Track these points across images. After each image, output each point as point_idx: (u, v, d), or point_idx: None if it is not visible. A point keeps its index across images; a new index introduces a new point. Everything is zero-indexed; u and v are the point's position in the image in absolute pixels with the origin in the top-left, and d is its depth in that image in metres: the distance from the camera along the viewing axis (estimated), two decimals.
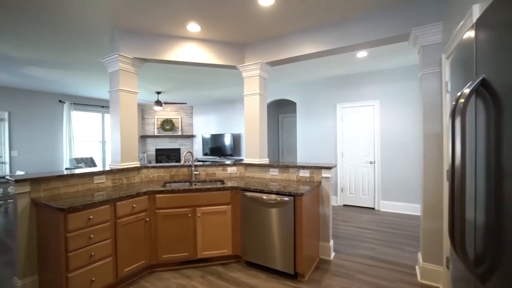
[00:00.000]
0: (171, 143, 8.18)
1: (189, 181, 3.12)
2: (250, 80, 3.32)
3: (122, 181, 2.89)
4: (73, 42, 3.26)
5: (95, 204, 2.08)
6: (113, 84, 2.95)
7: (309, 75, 5.06)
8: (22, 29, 2.86)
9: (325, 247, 2.86)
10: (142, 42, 3.01)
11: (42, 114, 6.09)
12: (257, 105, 3.27)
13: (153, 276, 2.54)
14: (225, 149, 7.48)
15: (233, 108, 7.61)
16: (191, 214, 2.61)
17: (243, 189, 2.66)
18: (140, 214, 2.45)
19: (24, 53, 3.63)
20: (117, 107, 2.89)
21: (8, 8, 2.43)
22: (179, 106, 8.29)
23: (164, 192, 2.56)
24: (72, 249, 1.95)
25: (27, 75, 4.72)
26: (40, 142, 6.05)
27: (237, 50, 3.36)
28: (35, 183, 2.23)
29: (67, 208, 1.91)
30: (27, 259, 2.20)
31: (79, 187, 2.53)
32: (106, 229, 2.17)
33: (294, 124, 7.17)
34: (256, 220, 2.58)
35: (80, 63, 4.09)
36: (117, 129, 2.90)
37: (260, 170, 3.27)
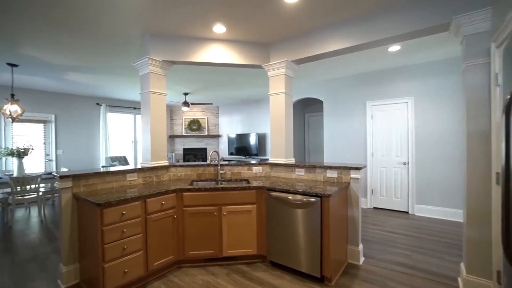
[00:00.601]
0: (198, 142, 8.42)
1: (215, 180, 3.17)
2: (275, 79, 3.29)
3: (152, 179, 3.02)
4: (108, 49, 3.48)
5: (128, 200, 2.20)
6: (144, 86, 3.09)
7: (337, 72, 4.89)
8: (65, 39, 3.11)
9: (354, 251, 2.74)
10: (170, 45, 3.12)
11: (82, 116, 6.61)
12: (283, 104, 3.22)
13: (181, 271, 2.61)
14: (250, 148, 7.52)
15: (258, 108, 7.62)
16: (217, 213, 2.65)
17: (268, 189, 2.64)
18: (169, 211, 2.53)
19: (66, 61, 3.95)
20: (148, 108, 3.03)
21: (54, 20, 2.66)
22: (206, 107, 8.49)
23: (191, 190, 2.62)
24: (108, 242, 2.08)
25: (70, 81, 5.14)
26: (81, 142, 6.57)
27: (262, 49, 3.35)
28: (76, 179, 2.41)
29: (103, 203, 2.03)
30: (70, 248, 2.39)
31: (113, 184, 2.68)
32: (138, 224, 2.27)
33: (320, 123, 6.98)
34: (282, 221, 2.54)
35: (115, 68, 4.35)
36: (148, 129, 3.03)
37: (285, 170, 3.22)
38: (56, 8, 2.45)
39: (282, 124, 3.24)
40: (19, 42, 3.25)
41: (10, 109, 4.10)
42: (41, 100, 5.96)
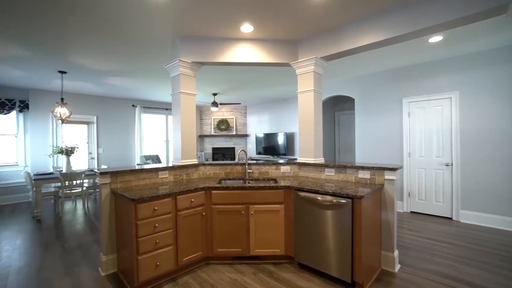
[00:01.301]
0: (226, 142, 8.57)
1: (243, 179, 3.18)
2: (304, 77, 3.21)
3: (182, 176, 3.13)
4: (143, 53, 3.67)
5: (159, 196, 2.29)
6: (175, 87, 3.21)
7: (369, 68, 4.64)
8: (106, 46, 3.35)
9: (388, 257, 2.56)
10: (199, 46, 3.20)
11: (120, 117, 7.09)
12: (312, 102, 3.13)
13: (209, 267, 2.66)
14: (278, 148, 7.46)
15: (286, 107, 7.53)
16: (245, 211, 2.65)
17: (296, 189, 2.58)
18: (198, 208, 2.60)
19: (106, 66, 4.26)
20: (178, 108, 3.14)
21: (97, 30, 2.87)
22: (234, 107, 8.62)
23: (219, 189, 2.66)
24: (141, 235, 2.19)
25: (109, 85, 5.54)
26: (118, 141, 7.06)
27: (290, 47, 3.28)
28: (113, 175, 2.58)
29: (137, 199, 2.14)
30: (108, 239, 2.56)
31: (146, 181, 2.82)
32: (168, 220, 2.36)
33: (351, 122, 6.69)
34: (310, 222, 2.47)
35: (149, 71, 4.59)
36: (178, 129, 3.14)
37: (314, 170, 3.13)
38: (98, 19, 2.64)
39: (311, 123, 3.15)
40: (68, 51, 3.57)
41: (60, 112, 4.53)
42: (85, 103, 6.52)
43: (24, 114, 5.84)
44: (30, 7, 2.44)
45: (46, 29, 2.88)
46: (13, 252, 3.13)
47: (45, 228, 3.97)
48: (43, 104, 5.91)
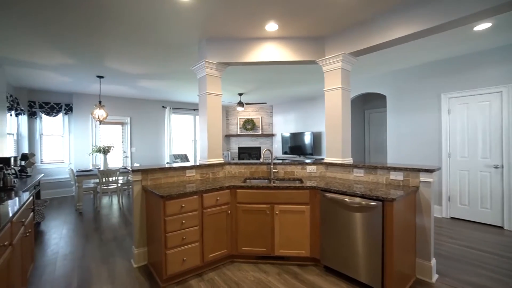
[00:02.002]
0: (252, 141, 8.61)
1: (268, 179, 3.16)
2: (331, 74, 3.10)
3: (209, 175, 3.19)
4: (170, 56, 3.81)
5: (186, 194, 2.36)
6: (202, 88, 3.28)
7: (402, 62, 4.35)
8: (135, 50, 3.54)
9: (424, 266, 2.37)
10: (224, 47, 3.24)
11: (151, 118, 7.47)
12: (339, 100, 3.01)
13: (233, 265, 2.69)
14: (305, 147, 7.32)
15: (313, 106, 7.36)
16: (269, 211, 2.63)
17: (323, 190, 2.50)
18: (223, 206, 2.63)
19: (139, 70, 4.50)
20: (205, 108, 3.21)
21: (130, 36, 3.04)
22: (260, 106, 8.63)
23: (244, 188, 2.67)
24: (169, 231, 2.27)
25: (141, 87, 5.86)
26: (149, 141, 7.44)
27: (316, 44, 3.19)
28: (144, 173, 2.71)
29: (166, 196, 2.22)
30: (140, 233, 2.70)
31: (175, 179, 2.93)
32: (195, 217, 2.42)
33: (383, 121, 6.33)
34: (337, 224, 2.37)
35: (177, 73, 4.76)
36: (205, 129, 3.21)
37: (342, 170, 3.00)
38: (130, 26, 2.80)
39: (338, 121, 3.03)
40: (105, 57, 3.84)
41: (98, 114, 4.89)
42: (119, 105, 6.96)
43: (69, 116, 6.41)
44: (73, 19, 2.65)
45: (86, 38, 3.12)
46: (60, 240, 3.44)
47: (86, 220, 4.32)
48: (84, 106, 6.43)
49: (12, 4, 2.37)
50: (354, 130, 6.44)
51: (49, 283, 2.42)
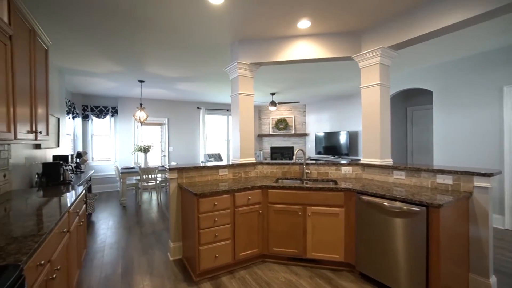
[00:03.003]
0: (285, 141, 8.53)
1: (300, 179, 3.09)
2: (368, 70, 2.92)
3: (241, 174, 3.23)
4: (204, 59, 3.94)
5: (219, 192, 2.41)
6: (234, 89, 3.33)
7: (451, 53, 3.93)
8: (172, 54, 3.72)
9: (480, 284, 2.11)
10: (256, 47, 3.25)
11: (187, 119, 7.82)
12: (377, 97, 2.83)
13: (264, 265, 2.68)
14: (340, 148, 7.04)
15: (348, 104, 7.04)
16: (301, 212, 2.57)
17: (359, 192, 2.37)
18: (254, 206, 2.64)
19: (175, 73, 4.74)
20: (237, 109, 3.25)
21: (167, 42, 3.21)
22: (292, 106, 8.51)
23: (276, 188, 2.65)
24: (203, 227, 2.34)
25: (178, 89, 6.16)
26: (185, 140, 7.80)
27: (351, 39, 3.04)
28: (180, 171, 2.84)
29: (199, 194, 2.30)
30: (175, 228, 2.84)
31: (208, 177, 3.02)
32: (227, 215, 2.47)
33: (428, 119, 5.80)
34: (374, 229, 2.23)
35: (210, 75, 4.91)
36: (237, 129, 3.26)
37: (381, 172, 2.82)
38: (166, 32, 2.95)
39: (376, 120, 2.85)
40: (146, 63, 4.11)
41: (139, 115, 5.26)
42: (158, 107, 7.41)
43: (115, 118, 7.00)
44: (119, 30, 2.88)
45: (130, 46, 3.37)
46: (107, 231, 3.77)
47: (129, 214, 4.67)
48: (127, 109, 6.97)
49: (70, 18, 2.65)
50: (394, 129, 6.00)
51: (99, 267, 2.67)
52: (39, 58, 2.28)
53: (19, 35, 1.89)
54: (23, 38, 1.97)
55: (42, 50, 2.42)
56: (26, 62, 2.01)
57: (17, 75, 1.83)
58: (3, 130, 1.64)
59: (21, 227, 1.39)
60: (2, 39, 1.65)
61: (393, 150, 5.90)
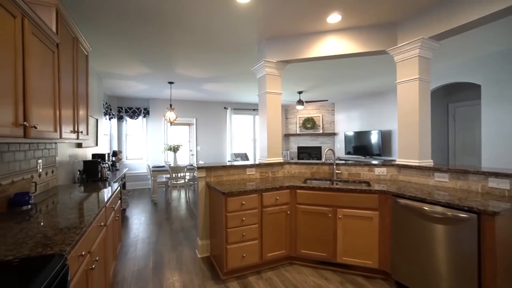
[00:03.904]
0: (312, 141, 8.33)
1: (330, 180, 2.97)
2: (405, 64, 2.72)
3: (268, 174, 3.19)
4: (231, 59, 3.96)
5: (247, 192, 2.39)
6: (261, 87, 3.30)
7: (503, 42, 3.52)
8: (200, 55, 3.79)
9: None
10: (283, 45, 3.18)
11: (214, 119, 7.96)
12: (416, 93, 2.62)
13: (292, 267, 2.61)
14: (371, 147, 6.70)
15: (380, 101, 6.67)
16: (332, 214, 2.46)
17: (395, 195, 2.20)
18: (282, 206, 2.58)
19: (203, 74, 4.83)
20: (265, 108, 3.21)
21: (195, 43, 3.28)
22: (320, 104, 8.28)
23: (305, 188, 2.57)
24: (230, 226, 2.34)
25: (205, 90, 6.29)
26: (213, 140, 7.95)
27: (386, 31, 2.85)
28: (208, 170, 2.87)
29: (227, 193, 2.30)
30: (203, 226, 2.88)
31: (235, 176, 3.02)
32: (254, 215, 2.44)
33: (474, 116, 5.26)
34: (413, 236, 2.06)
35: (237, 75, 4.94)
36: (265, 128, 3.22)
37: (419, 174, 2.60)
38: (195, 34, 3.01)
39: (414, 117, 2.63)
40: (175, 64, 4.25)
41: (169, 116, 5.45)
42: (186, 108, 7.64)
43: (146, 119, 7.35)
44: (150, 33, 3.00)
45: (160, 48, 3.50)
46: (139, 226, 3.95)
47: (159, 210, 4.86)
48: (158, 110, 7.28)
49: (108, 25, 2.82)
50: (434, 128, 5.53)
51: (132, 260, 2.80)
52: (80, 63, 2.44)
53: (64, 43, 2.03)
54: (67, 45, 2.12)
55: (83, 56, 2.59)
56: (69, 67, 2.16)
57: (62, 80, 1.97)
58: (51, 130, 1.77)
59: (65, 219, 1.48)
60: (51, 46, 1.78)
61: (433, 150, 5.45)
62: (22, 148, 2.02)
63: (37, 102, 1.57)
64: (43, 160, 2.36)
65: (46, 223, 1.42)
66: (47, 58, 1.73)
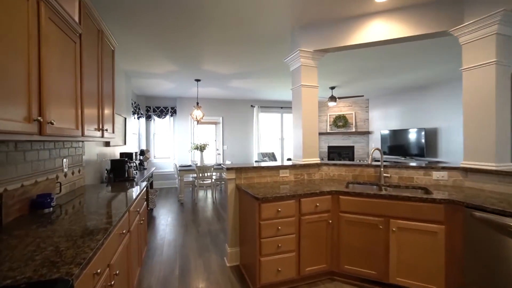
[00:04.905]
0: (344, 140, 7.78)
1: (377, 184, 2.58)
2: (475, 46, 2.24)
3: (303, 176, 2.87)
4: (261, 51, 3.67)
5: (283, 197, 2.10)
6: (295, 81, 2.98)
7: None
8: (228, 49, 3.55)
9: None
10: (320, 32, 2.84)
11: (240, 117, 7.74)
12: (492, 81, 2.13)
13: (333, 284, 2.27)
14: (410, 147, 6.06)
15: (423, 96, 6.01)
16: (383, 226, 2.08)
17: (470, 206, 1.78)
18: (323, 214, 2.25)
19: (229, 70, 4.61)
20: (299, 103, 2.89)
21: (223, 37, 3.05)
22: (353, 101, 7.72)
23: (350, 194, 2.21)
24: (264, 236, 2.06)
25: (232, 87, 6.08)
26: (239, 139, 7.73)
27: (448, 8, 2.38)
28: (238, 172, 2.62)
29: (262, 198, 2.02)
30: (233, 232, 2.64)
31: (268, 179, 2.73)
32: (291, 224, 2.14)
33: None
34: (498, 260, 1.62)
35: (265, 70, 4.65)
36: (299, 125, 2.90)
37: (496, 181, 2.12)
38: (223, 25, 2.77)
39: (489, 111, 2.15)
40: (202, 60, 4.07)
41: (196, 114, 5.32)
42: (213, 106, 7.50)
43: (173, 118, 7.34)
44: (177, 26, 2.82)
45: (188, 42, 3.33)
46: (166, 227, 3.83)
47: (186, 211, 4.74)
48: (185, 109, 7.23)
49: (137, 19, 2.68)
50: None
51: (158, 265, 2.65)
52: (106, 58, 2.31)
53: (88, 34, 1.88)
54: (91, 37, 1.97)
55: (109, 50, 2.46)
56: (94, 61, 2.01)
57: (85, 73, 1.82)
58: (72, 127, 1.62)
59: (83, 227, 1.30)
60: (72, 36, 1.62)
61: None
62: (47, 147, 1.91)
63: (56, 96, 1.41)
64: (69, 159, 2.26)
65: (62, 231, 1.24)
66: (68, 48, 1.58)
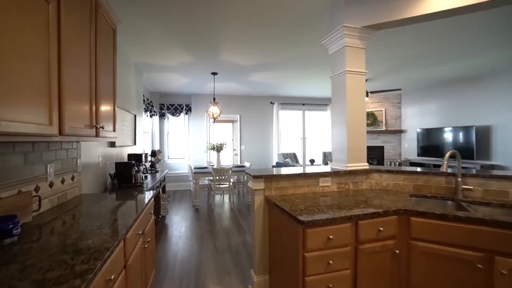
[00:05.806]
0: (372, 139, 7.04)
1: (452, 199, 1.94)
2: None
3: (348, 186, 2.27)
4: (288, 35, 3.10)
5: (336, 220, 1.52)
6: (337, 66, 2.39)
7: None
8: (249, 36, 3.00)
9: None
10: (371, 3, 2.24)
11: (259, 115, 7.18)
12: None
13: None
14: (455, 148, 5.27)
15: (472, 89, 5.21)
16: (484, 265, 1.46)
17: None
18: (387, 241, 1.65)
19: (249, 61, 4.08)
20: (343, 93, 2.30)
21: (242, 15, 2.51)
22: (383, 97, 6.97)
23: (426, 216, 1.60)
24: (310, 274, 1.49)
25: (251, 82, 5.53)
26: (258, 138, 7.17)
27: None
28: (268, 180, 2.07)
29: (307, 222, 1.45)
30: (261, 258, 2.10)
31: (304, 189, 2.16)
32: (346, 255, 1.56)
33: None
34: None
35: (290, 60, 4.07)
36: (342, 121, 2.32)
37: None
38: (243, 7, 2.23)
39: None
40: (220, 50, 3.57)
41: (212, 111, 4.82)
42: (230, 103, 6.97)
43: (188, 116, 6.90)
44: (194, 9, 2.31)
45: (206, 30, 2.86)
46: (179, 240, 3.35)
47: (201, 218, 4.25)
48: (200, 106, 6.75)
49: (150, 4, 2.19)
50: None
51: None
52: (102, 37, 1.81)
53: None
54: (78, 5, 1.48)
55: (108, 29, 1.97)
56: (82, 37, 1.52)
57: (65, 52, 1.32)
58: (44, 122, 1.13)
59: (61, 265, 0.79)
60: None
61: None
62: (19, 149, 1.44)
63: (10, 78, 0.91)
64: (57, 164, 1.80)
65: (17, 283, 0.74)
66: (36, 9, 1.08)
